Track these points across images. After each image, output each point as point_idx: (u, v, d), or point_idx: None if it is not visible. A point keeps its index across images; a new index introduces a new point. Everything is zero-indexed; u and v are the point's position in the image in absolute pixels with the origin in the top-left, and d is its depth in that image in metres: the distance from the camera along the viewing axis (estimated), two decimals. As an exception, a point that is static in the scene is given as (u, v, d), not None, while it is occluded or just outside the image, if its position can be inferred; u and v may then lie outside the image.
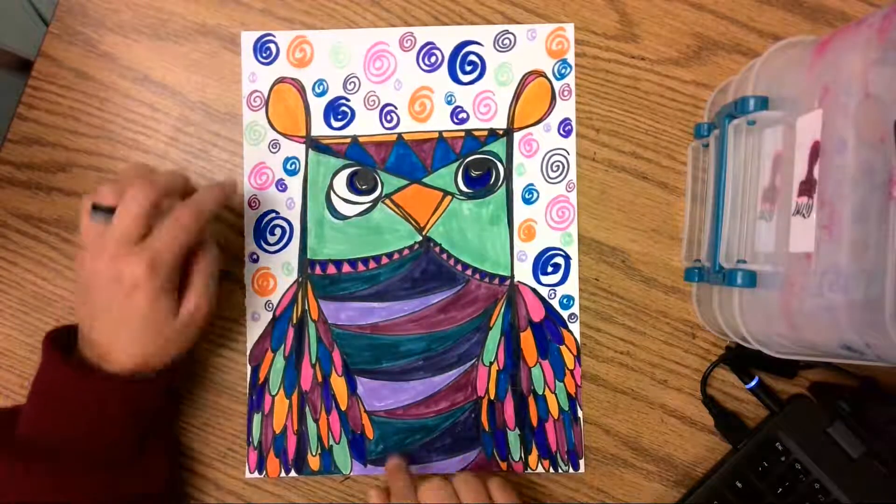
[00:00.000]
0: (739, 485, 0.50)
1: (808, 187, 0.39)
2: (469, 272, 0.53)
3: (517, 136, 0.54)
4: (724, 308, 0.47)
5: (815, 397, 0.51)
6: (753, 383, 0.52)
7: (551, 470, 0.53)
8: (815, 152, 0.39)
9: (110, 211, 0.43)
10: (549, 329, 0.53)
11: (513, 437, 0.53)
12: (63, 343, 0.46)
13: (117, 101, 0.54)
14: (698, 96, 0.54)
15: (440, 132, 0.53)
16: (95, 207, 0.43)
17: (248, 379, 0.53)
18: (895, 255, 0.34)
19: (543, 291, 0.53)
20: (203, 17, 0.54)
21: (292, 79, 0.53)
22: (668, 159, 0.54)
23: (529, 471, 0.53)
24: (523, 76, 0.54)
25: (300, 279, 0.53)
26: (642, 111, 0.54)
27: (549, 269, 0.53)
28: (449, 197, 0.53)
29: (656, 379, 0.53)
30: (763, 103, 0.44)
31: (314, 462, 0.53)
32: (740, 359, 0.52)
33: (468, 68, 0.54)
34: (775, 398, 0.52)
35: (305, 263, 0.53)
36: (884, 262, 0.34)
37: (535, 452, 0.53)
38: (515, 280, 0.53)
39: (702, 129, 0.52)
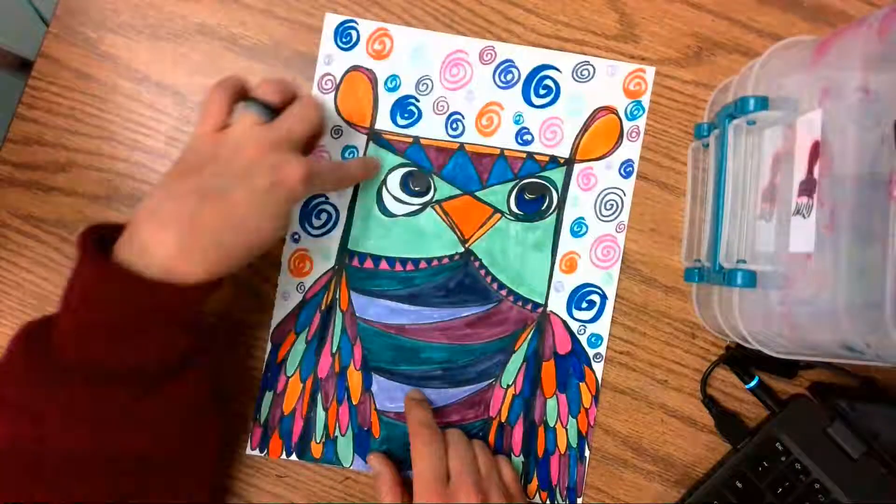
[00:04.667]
0: (739, 485, 0.50)
1: (808, 187, 0.39)
2: (504, 292, 0.53)
3: (577, 167, 0.53)
4: (724, 308, 0.47)
5: (815, 397, 0.51)
6: (753, 383, 0.52)
7: (548, 502, 0.53)
8: (815, 152, 0.39)
9: (268, 108, 0.44)
10: (573, 364, 0.53)
11: (517, 462, 0.53)
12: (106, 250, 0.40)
13: (117, 101, 0.54)
14: (698, 96, 0.54)
15: (502, 149, 0.53)
16: (254, 101, 0.44)
17: (266, 356, 0.53)
18: (895, 255, 0.34)
19: (574, 326, 0.53)
20: (203, 16, 0.54)
21: (367, 69, 0.53)
22: (668, 159, 0.54)
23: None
24: (595, 110, 0.53)
25: (336, 267, 0.53)
26: (642, 111, 0.54)
27: (584, 304, 0.53)
28: (498, 215, 0.53)
29: (656, 379, 0.53)
30: (763, 103, 0.44)
31: (317, 449, 0.53)
32: (740, 359, 0.52)
33: (542, 92, 0.53)
34: (775, 398, 0.52)
35: (344, 253, 0.53)
36: (884, 262, 0.34)
37: (535, 482, 0.53)
38: (548, 309, 0.53)
39: (702, 129, 0.52)
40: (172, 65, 0.54)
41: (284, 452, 0.52)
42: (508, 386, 0.53)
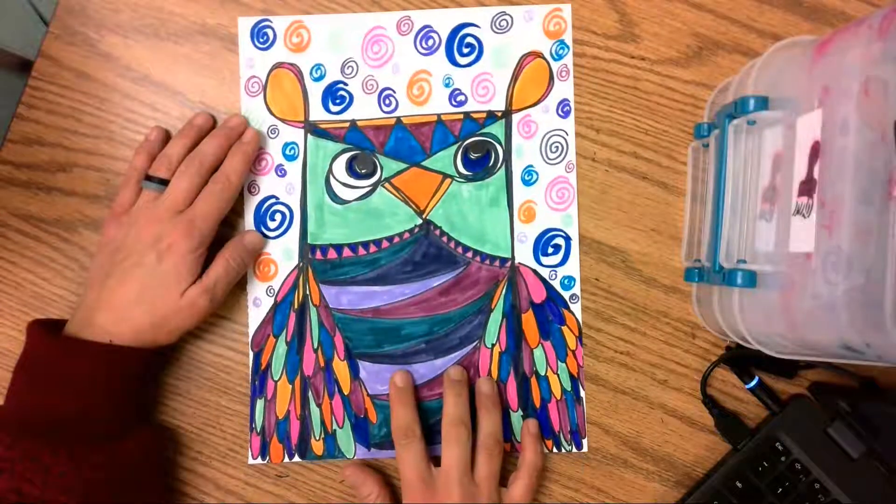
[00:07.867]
0: (739, 485, 0.50)
1: (808, 187, 0.39)
2: (469, 255, 0.53)
3: (516, 117, 0.54)
4: (724, 308, 0.47)
5: (815, 397, 0.51)
6: (753, 383, 0.52)
7: (554, 450, 0.53)
8: (815, 152, 0.39)
9: (162, 182, 0.48)
10: (551, 310, 0.53)
11: (516, 418, 0.53)
12: (49, 327, 0.47)
13: (117, 101, 0.54)
14: (698, 96, 0.54)
15: (439, 115, 0.53)
16: (150, 178, 0.49)
17: (251, 365, 0.53)
18: (895, 254, 0.34)
19: (544, 272, 0.53)
20: (203, 17, 0.54)
21: (290, 64, 0.53)
22: (668, 159, 0.54)
23: None
24: (521, 57, 0.54)
25: (301, 264, 0.53)
26: (642, 111, 0.54)
27: (550, 250, 0.53)
28: (448, 179, 0.53)
29: (656, 379, 0.53)
30: (763, 103, 0.44)
31: (317, 446, 0.53)
32: (740, 359, 0.52)
33: (466, 51, 0.53)
34: (775, 398, 0.52)
35: (306, 248, 0.53)
36: (883, 261, 0.34)
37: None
38: (516, 262, 0.53)
39: (702, 129, 0.52)
40: (172, 65, 0.54)
41: (286, 456, 0.53)
42: (493, 345, 0.53)
